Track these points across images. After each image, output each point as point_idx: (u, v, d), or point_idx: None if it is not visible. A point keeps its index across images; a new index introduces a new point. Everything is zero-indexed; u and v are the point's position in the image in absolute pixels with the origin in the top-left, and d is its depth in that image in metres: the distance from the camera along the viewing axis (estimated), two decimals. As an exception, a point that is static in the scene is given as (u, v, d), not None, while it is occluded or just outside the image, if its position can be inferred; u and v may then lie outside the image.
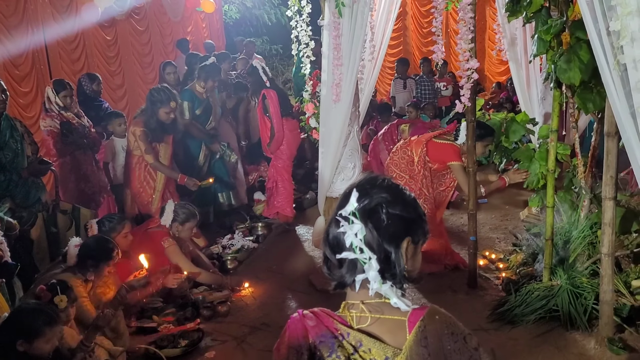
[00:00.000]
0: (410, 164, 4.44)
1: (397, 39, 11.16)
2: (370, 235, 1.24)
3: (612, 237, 3.33)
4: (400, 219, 1.27)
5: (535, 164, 4.17)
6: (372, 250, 1.23)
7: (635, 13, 2.08)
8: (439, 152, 4.31)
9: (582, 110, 3.67)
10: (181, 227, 4.22)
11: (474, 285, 4.17)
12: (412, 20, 11.42)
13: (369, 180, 1.31)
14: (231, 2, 10.67)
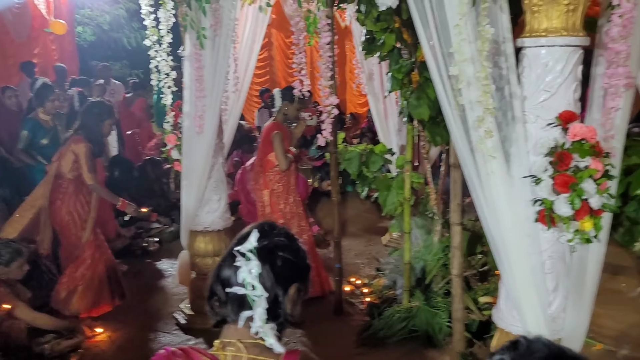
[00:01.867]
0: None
1: (263, 68, 11.32)
2: (266, 275, 1.30)
3: (460, 259, 3.62)
4: (293, 265, 1.36)
5: (393, 192, 4.43)
6: (264, 288, 1.29)
7: (469, 61, 2.31)
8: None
9: (432, 143, 3.99)
10: (7, 269, 3.74)
11: (340, 312, 4.28)
12: (277, 51, 11.67)
13: (269, 224, 1.39)
14: (86, 23, 10.09)
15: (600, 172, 2.24)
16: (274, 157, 4.45)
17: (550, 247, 2.42)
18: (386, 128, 5.63)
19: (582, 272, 2.47)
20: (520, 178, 2.39)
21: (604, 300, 4.47)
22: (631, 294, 4.64)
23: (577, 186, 2.23)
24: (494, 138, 2.35)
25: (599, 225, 2.28)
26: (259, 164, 4.56)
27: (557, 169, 2.28)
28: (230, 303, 1.32)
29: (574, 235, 2.31)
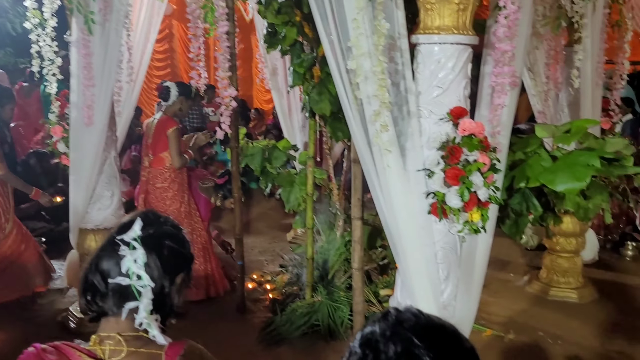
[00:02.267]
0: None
1: (164, 60, 10.93)
2: (152, 264, 1.26)
3: (361, 253, 3.68)
4: (180, 254, 1.33)
5: (295, 188, 4.43)
6: (151, 278, 1.25)
7: (367, 55, 2.33)
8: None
9: (334, 138, 4.02)
10: None
11: (243, 310, 4.21)
12: (179, 43, 11.32)
13: (153, 212, 1.35)
14: (-36, 7, 9.19)
15: (487, 165, 2.36)
16: (167, 155, 4.27)
17: (442, 238, 2.50)
18: (290, 124, 5.62)
19: (471, 262, 2.59)
20: (415, 171, 2.46)
21: (493, 289, 4.79)
22: (518, 283, 4.95)
23: (467, 179, 2.33)
24: (389, 132, 2.39)
25: (486, 216, 2.40)
26: (154, 161, 4.33)
27: (448, 163, 2.36)
28: (111, 295, 1.26)
29: (464, 226, 2.41)
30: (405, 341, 0.85)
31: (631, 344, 3.84)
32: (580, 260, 4.74)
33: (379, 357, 0.85)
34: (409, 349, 0.84)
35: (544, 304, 4.54)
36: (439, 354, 0.84)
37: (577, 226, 4.51)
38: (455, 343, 0.89)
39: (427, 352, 0.84)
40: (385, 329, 0.88)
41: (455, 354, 0.87)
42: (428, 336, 0.86)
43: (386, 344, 0.85)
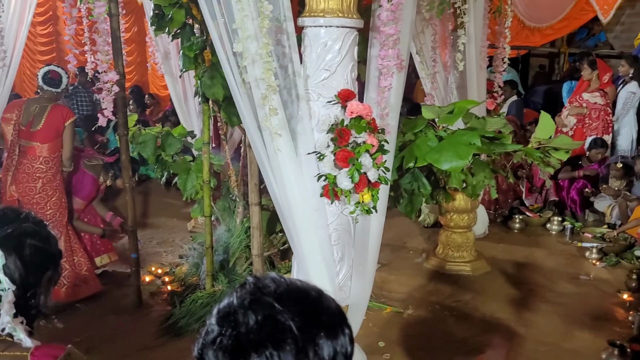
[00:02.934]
0: None
1: (48, 44, 10.17)
2: (13, 266, 1.19)
3: (260, 239, 3.65)
4: (44, 252, 1.26)
5: (192, 175, 4.30)
6: (12, 280, 1.18)
7: (253, 37, 2.28)
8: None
9: (229, 124, 3.92)
10: None
11: (139, 304, 4.05)
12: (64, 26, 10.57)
13: (11, 209, 1.28)
14: None
15: (375, 147, 2.39)
16: (53, 145, 3.97)
17: (336, 220, 2.53)
18: (186, 110, 5.44)
19: (365, 242, 2.63)
20: (306, 155, 2.45)
21: (393, 267, 4.95)
22: (416, 260, 5.14)
23: (356, 160, 2.35)
24: (279, 116, 2.36)
25: (376, 197, 2.44)
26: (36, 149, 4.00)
27: (338, 145, 2.38)
28: None
29: (356, 207, 2.44)
30: (266, 308, 0.79)
31: (519, 311, 4.12)
32: (472, 235, 5.01)
33: (239, 330, 0.78)
34: (271, 315, 0.79)
35: (440, 278, 4.75)
36: (304, 317, 0.80)
37: (468, 203, 4.74)
38: (320, 305, 0.85)
39: (290, 317, 0.79)
40: (244, 298, 0.82)
41: (320, 316, 0.83)
42: (291, 301, 0.81)
43: (245, 313, 0.79)
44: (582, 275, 4.79)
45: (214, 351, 0.78)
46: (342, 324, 0.85)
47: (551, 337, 3.75)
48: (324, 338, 0.80)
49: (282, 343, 0.76)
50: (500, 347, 3.65)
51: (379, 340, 3.69)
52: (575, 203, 6.03)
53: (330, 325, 0.82)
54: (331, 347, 0.80)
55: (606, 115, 6.29)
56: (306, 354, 0.77)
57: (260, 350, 0.75)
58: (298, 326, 0.78)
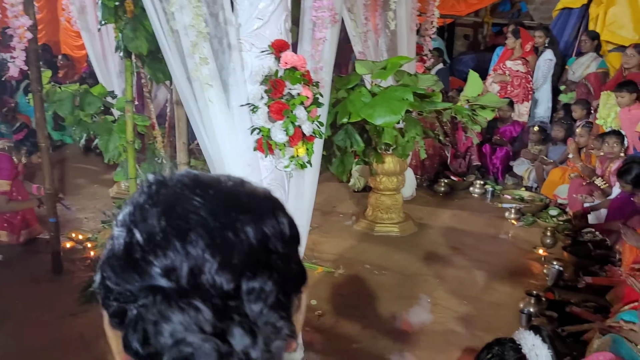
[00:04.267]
0: None
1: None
2: None
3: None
4: None
5: (114, 136, 4.09)
6: None
7: (181, -20, 2.15)
8: None
9: (154, 80, 3.75)
10: None
11: (60, 270, 3.85)
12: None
13: None
14: None
15: (310, 99, 2.35)
16: None
17: (270, 174, 2.48)
18: (105, 69, 5.14)
19: (299, 197, 2.60)
20: (239, 107, 2.37)
21: (324, 230, 4.98)
22: (346, 223, 5.20)
23: (290, 113, 2.30)
24: (210, 65, 2.26)
25: (311, 150, 2.41)
26: None
27: (272, 97, 2.31)
28: None
29: (290, 161, 2.40)
30: (173, 198, 0.64)
31: (444, 268, 4.28)
32: (400, 197, 5.12)
33: (144, 228, 0.62)
34: (179, 204, 0.63)
35: (370, 239, 4.84)
36: (217, 203, 0.63)
37: (397, 165, 4.83)
38: (240, 189, 0.67)
39: (200, 204, 0.63)
40: (149, 193, 0.65)
41: (240, 199, 0.66)
42: (200, 188, 0.65)
43: (151, 209, 0.63)
44: (502, 235, 5.04)
45: (113, 261, 0.62)
46: (275, 210, 0.67)
47: (473, 291, 3.93)
48: (246, 222, 0.62)
49: (187, 235, 0.60)
50: (426, 301, 3.78)
51: (311, 299, 3.72)
52: (497, 169, 6.30)
53: (255, 209, 0.65)
54: (258, 231, 0.63)
55: (527, 83, 6.57)
56: (223, 244, 0.60)
57: (163, 247, 0.59)
58: (209, 213, 0.62)
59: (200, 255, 0.59)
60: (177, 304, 0.57)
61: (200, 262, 0.59)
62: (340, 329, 3.41)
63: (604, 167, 5.02)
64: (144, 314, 0.59)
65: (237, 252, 0.60)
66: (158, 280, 0.58)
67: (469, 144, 6.35)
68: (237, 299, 0.59)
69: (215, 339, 0.57)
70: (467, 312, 3.63)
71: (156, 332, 0.58)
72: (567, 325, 3.17)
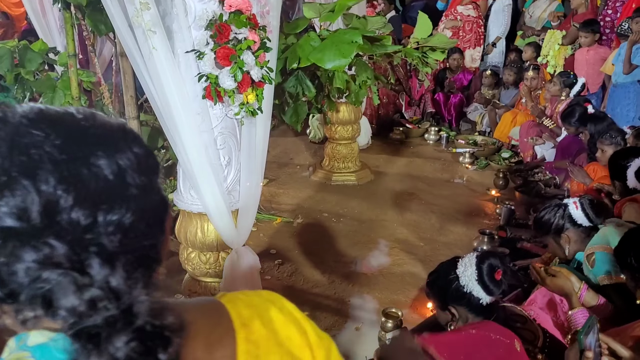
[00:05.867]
0: None
1: None
2: None
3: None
4: None
5: (59, 93, 3.93)
6: None
7: None
8: None
9: (97, 33, 3.60)
10: None
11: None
12: None
13: None
14: None
15: (257, 43, 2.31)
16: None
17: (220, 123, 2.45)
18: (46, 25, 4.89)
19: (252, 144, 2.59)
20: (184, 54, 2.31)
21: (281, 182, 5.00)
22: (303, 174, 5.23)
23: (238, 58, 2.26)
24: (151, 11, 2.18)
25: (261, 96, 2.38)
26: None
27: (218, 42, 2.26)
28: None
29: (240, 108, 2.37)
30: (11, 135, 0.59)
31: (401, 213, 4.38)
32: (356, 146, 5.16)
33: None
34: (18, 142, 0.59)
35: (327, 189, 4.89)
36: (67, 138, 0.61)
37: (352, 114, 4.85)
38: (92, 122, 0.64)
39: (48, 139, 0.60)
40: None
41: (92, 131, 0.63)
42: (48, 122, 0.62)
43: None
44: (456, 179, 5.17)
45: None
46: (129, 141, 0.65)
47: (429, 234, 4.05)
48: (100, 156, 0.61)
49: (37, 173, 0.57)
50: (384, 245, 3.88)
51: (270, 249, 3.76)
52: (451, 115, 6.39)
53: (108, 142, 0.63)
54: (113, 164, 0.61)
55: (478, 28, 6.61)
56: (76, 179, 0.58)
57: (11, 187, 0.57)
58: (59, 148, 0.59)
59: (53, 192, 0.57)
60: (30, 243, 0.56)
61: (54, 199, 0.57)
62: (300, 276, 3.47)
63: (552, 108, 5.16)
64: None
65: (92, 186, 0.59)
66: (6, 221, 0.56)
67: (422, 92, 6.41)
68: (94, 232, 0.59)
69: (72, 273, 0.57)
70: (424, 254, 3.75)
71: (9, 273, 0.57)
72: (518, 260, 3.31)
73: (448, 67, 6.43)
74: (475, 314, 1.81)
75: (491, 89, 6.23)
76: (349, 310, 3.10)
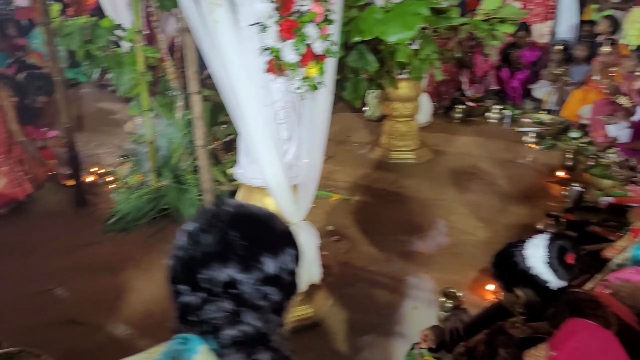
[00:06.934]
0: None
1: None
2: None
3: (203, 129, 3.52)
4: None
5: (126, 69, 4.04)
6: None
7: None
8: None
9: (162, 8, 3.66)
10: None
11: (84, 203, 3.94)
12: None
13: None
14: None
15: (321, 15, 2.27)
16: None
17: (282, 97, 2.43)
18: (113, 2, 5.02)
19: (313, 121, 2.57)
20: (248, 27, 2.30)
21: (339, 159, 4.98)
22: (361, 152, 5.19)
23: (301, 31, 2.23)
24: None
25: (323, 70, 2.35)
26: None
27: (281, 14, 2.24)
28: None
29: (302, 82, 2.35)
30: (219, 232, 0.98)
31: (461, 193, 4.28)
32: (416, 123, 5.06)
33: (196, 248, 0.98)
34: (222, 237, 0.97)
35: (385, 167, 4.84)
36: (250, 238, 0.98)
37: (412, 90, 4.74)
38: (268, 228, 1.02)
39: (238, 238, 0.97)
40: (204, 223, 1.00)
41: (265, 237, 1.00)
42: (241, 224, 1.00)
43: (204, 235, 0.98)
44: (520, 159, 4.99)
45: (177, 262, 0.99)
46: (286, 245, 1.02)
47: (490, 215, 3.94)
48: (267, 256, 0.97)
49: (227, 259, 0.95)
50: (442, 225, 3.81)
51: (328, 225, 3.77)
52: (516, 92, 6.14)
53: (274, 245, 0.99)
54: (274, 264, 0.97)
55: (547, 1, 6.28)
56: (250, 268, 0.95)
57: (210, 264, 0.95)
58: (244, 245, 0.96)
59: (232, 274, 0.96)
60: (214, 299, 0.95)
61: (233, 278, 0.96)
62: (356, 253, 3.47)
63: (628, 85, 4.86)
64: (190, 299, 0.97)
65: (259, 275, 0.97)
66: (202, 282, 0.96)
67: (486, 68, 6.18)
68: (258, 299, 0.97)
69: (233, 316, 0.96)
70: (484, 235, 3.65)
71: (199, 313, 0.97)
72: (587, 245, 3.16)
73: (514, 44, 6.16)
74: (542, 297, 1.74)
75: (561, 65, 5.93)
76: (406, 289, 3.07)
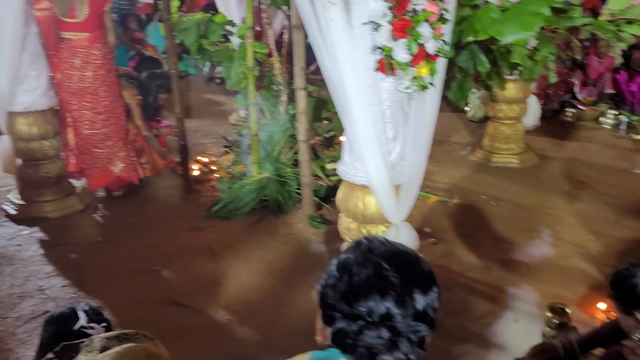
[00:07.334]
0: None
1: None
2: None
3: (306, 124, 3.60)
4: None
5: (236, 63, 4.20)
6: None
7: None
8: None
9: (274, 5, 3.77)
10: None
11: (190, 190, 4.15)
12: None
13: None
14: None
15: (435, 15, 2.23)
16: None
17: (390, 96, 2.42)
18: (226, 0, 5.24)
19: (419, 120, 2.54)
20: (361, 25, 2.31)
21: (438, 159, 4.87)
22: (461, 153, 5.06)
23: (414, 30, 2.20)
24: (332, -17, 2.21)
25: (434, 70, 2.31)
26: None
27: (395, 13, 2.22)
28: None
29: (412, 82, 2.32)
30: (375, 266, 1.03)
31: (569, 202, 4.05)
32: (522, 126, 4.85)
33: (353, 279, 1.04)
34: (379, 271, 1.03)
35: (486, 170, 4.69)
36: (403, 275, 1.03)
37: (520, 92, 4.55)
38: (417, 266, 1.08)
39: (393, 274, 1.02)
40: (358, 256, 1.06)
41: (416, 275, 1.06)
42: (394, 261, 1.05)
43: (359, 267, 1.04)
44: (636, 169, 4.64)
45: (332, 291, 1.05)
46: (433, 284, 1.07)
47: (602, 227, 3.69)
48: (418, 293, 1.02)
49: (385, 293, 1.00)
50: (548, 234, 3.63)
51: (425, 227, 3.71)
52: (635, 97, 5.71)
53: (424, 283, 1.05)
54: (424, 301, 1.03)
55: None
56: (404, 303, 1.00)
57: (368, 296, 1.00)
58: (398, 281, 1.01)
59: (389, 307, 1.01)
60: (371, 327, 1.01)
61: (389, 311, 1.01)
62: (454, 257, 3.38)
63: None
64: (347, 327, 1.03)
65: (410, 310, 1.02)
66: (362, 313, 1.01)
67: (601, 70, 5.80)
68: (406, 332, 1.02)
69: (391, 344, 1.01)
70: (594, 248, 3.43)
71: (357, 338, 1.02)
72: None
73: (636, 44, 5.72)
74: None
75: (688, 69, 5.44)
76: (507, 300, 2.96)
